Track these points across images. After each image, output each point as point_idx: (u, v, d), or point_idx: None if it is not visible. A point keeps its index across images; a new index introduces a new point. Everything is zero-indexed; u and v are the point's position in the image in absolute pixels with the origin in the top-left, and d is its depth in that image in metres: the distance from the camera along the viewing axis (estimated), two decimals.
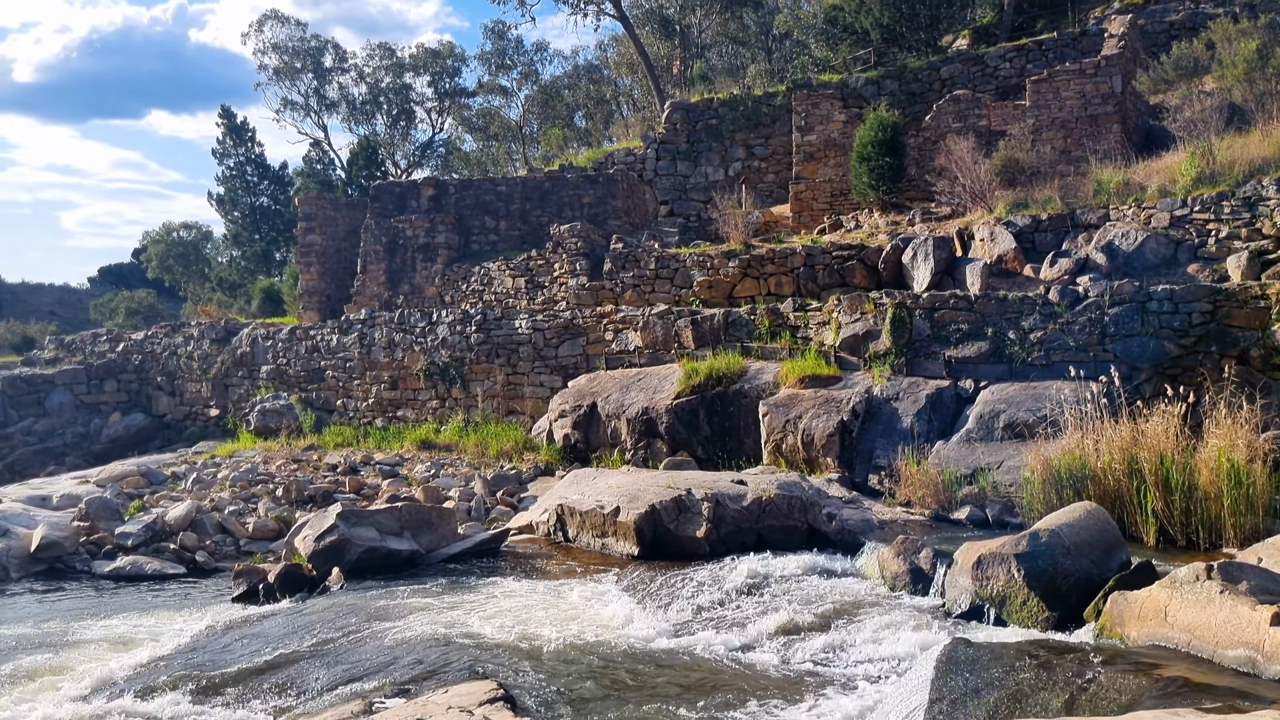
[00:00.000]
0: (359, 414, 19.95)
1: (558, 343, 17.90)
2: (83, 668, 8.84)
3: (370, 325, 20.18)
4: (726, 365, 14.99)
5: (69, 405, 22.30)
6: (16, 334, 33.67)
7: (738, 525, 11.18)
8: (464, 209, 25.39)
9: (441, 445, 17.83)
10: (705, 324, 16.35)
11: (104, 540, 13.76)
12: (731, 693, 7.13)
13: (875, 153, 20.18)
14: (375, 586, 10.66)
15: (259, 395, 21.02)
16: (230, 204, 44.55)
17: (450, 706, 6.22)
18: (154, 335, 23.55)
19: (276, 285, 33.90)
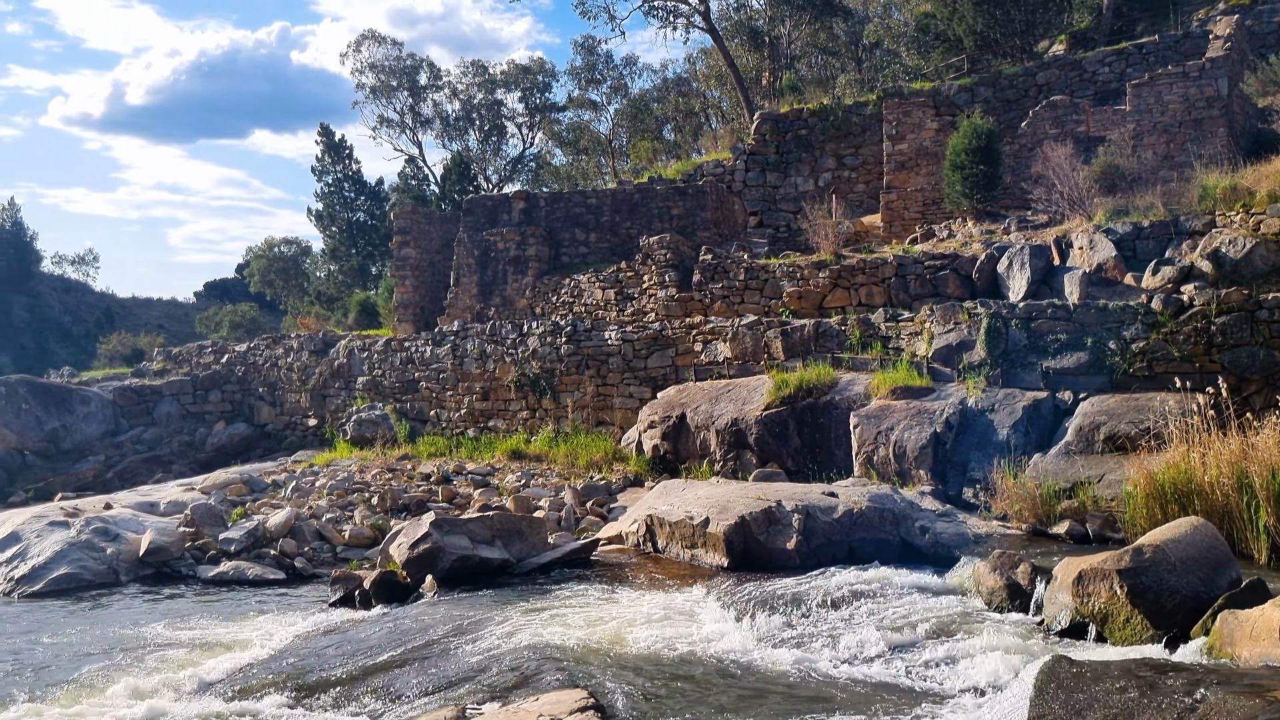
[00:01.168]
0: (451, 424, 20.25)
1: (647, 354, 17.95)
2: (187, 668, 9.13)
3: (463, 337, 20.48)
4: (817, 376, 14.85)
5: (176, 415, 23.07)
6: (127, 346, 34.95)
7: (828, 538, 11.05)
8: (554, 222, 25.64)
9: (532, 455, 17.99)
10: (795, 335, 16.23)
11: (208, 546, 14.19)
12: (824, 707, 7.04)
13: (969, 160, 19.85)
14: (467, 594, 10.78)
15: (355, 405, 21.47)
16: (328, 219, 45.68)
17: (541, 714, 6.26)
18: (256, 347, 24.24)
19: (372, 298, 34.64)
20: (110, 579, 13.24)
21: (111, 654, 9.80)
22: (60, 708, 8.20)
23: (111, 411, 22.64)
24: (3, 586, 12.88)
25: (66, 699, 8.46)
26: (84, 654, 9.89)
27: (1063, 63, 23.98)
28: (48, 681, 8.98)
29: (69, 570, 13.03)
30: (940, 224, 20.43)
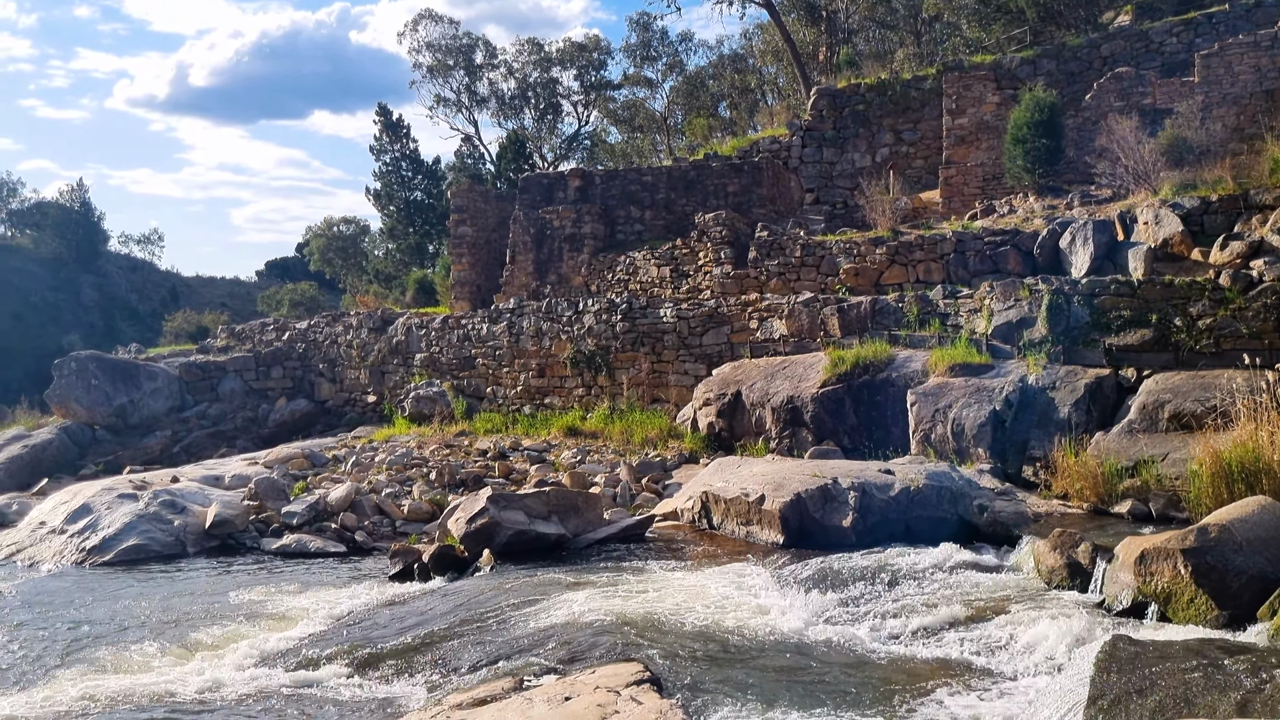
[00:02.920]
0: (508, 401, 20.40)
1: (702, 331, 17.92)
2: (251, 637, 9.34)
3: (519, 314, 20.60)
4: (873, 353, 14.73)
5: (239, 391, 23.49)
6: (192, 323, 35.65)
7: (885, 515, 10.98)
8: (610, 199, 25.63)
9: (587, 432, 18.08)
10: (852, 312, 16.11)
11: (271, 519, 14.47)
12: (880, 683, 7.03)
13: (1031, 134, 19.49)
14: (524, 569, 10.90)
15: (413, 382, 21.72)
16: (386, 199, 46.09)
17: (598, 686, 6.32)
18: (316, 324, 24.57)
19: (429, 276, 34.93)
20: (177, 550, 13.57)
21: (178, 623, 10.05)
22: (129, 673, 8.44)
23: (177, 387, 23.12)
24: (75, 556, 13.25)
25: (136, 665, 8.70)
26: (152, 622, 10.16)
27: (1128, 33, 23.41)
28: (117, 648, 9.24)
29: (138, 541, 13.38)
30: (1000, 199, 20.10)
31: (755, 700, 6.73)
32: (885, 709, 6.54)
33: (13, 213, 61.64)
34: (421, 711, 6.66)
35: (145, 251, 67.06)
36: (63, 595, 11.48)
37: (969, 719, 6.36)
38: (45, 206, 60.04)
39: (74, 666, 8.72)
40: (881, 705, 6.60)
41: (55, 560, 13.27)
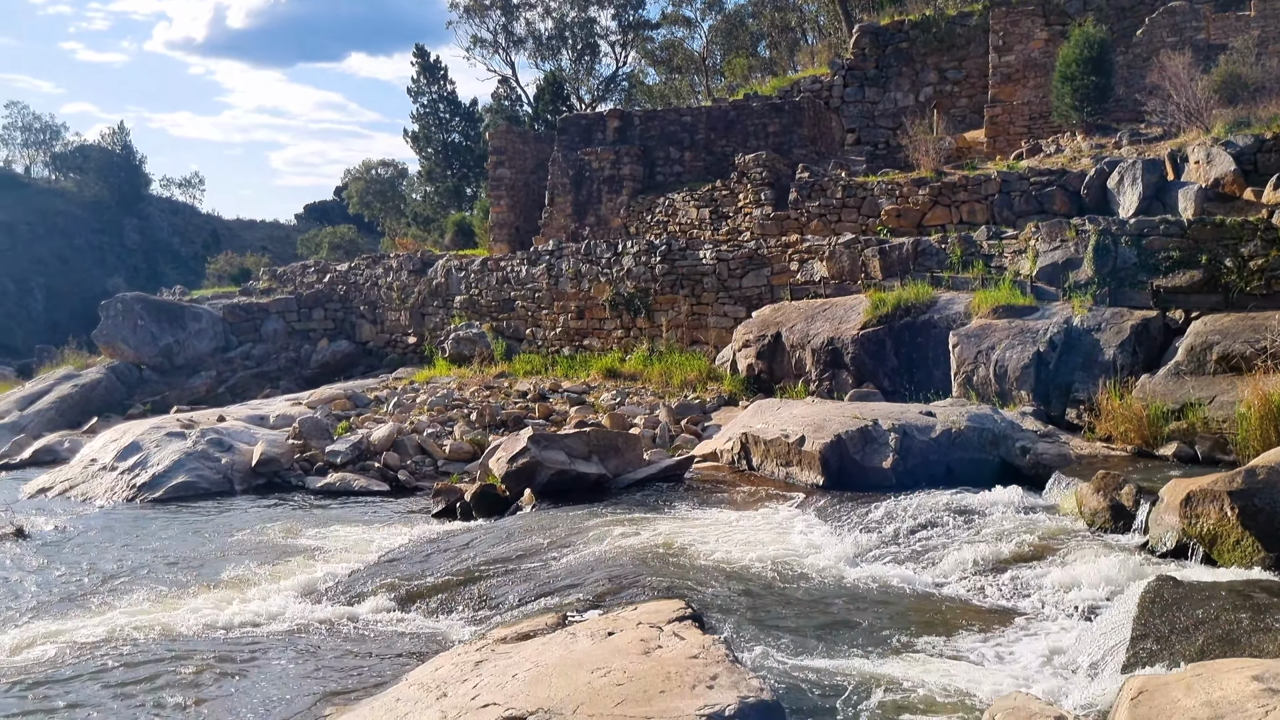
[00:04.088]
0: (547, 343, 20.47)
1: (741, 273, 17.83)
2: (298, 573, 9.52)
3: (558, 256, 20.59)
4: (915, 295, 14.61)
5: (282, 332, 23.74)
6: (234, 266, 35.95)
7: (925, 457, 10.96)
8: (649, 140, 25.42)
9: (626, 374, 18.12)
10: (893, 253, 15.95)
11: (315, 458, 14.68)
12: (921, 622, 7.06)
13: (1080, 72, 19.05)
14: (565, 508, 10.99)
15: (453, 324, 21.83)
16: (424, 141, 45.98)
17: (640, 622, 6.38)
18: (357, 267, 24.72)
19: (468, 219, 34.94)
20: (225, 487, 13.82)
21: (227, 558, 10.26)
22: (181, 605, 8.64)
23: (221, 328, 23.40)
24: (126, 493, 13.54)
25: (187, 597, 8.91)
26: (201, 557, 10.38)
27: None
28: (169, 581, 9.46)
29: (187, 479, 13.63)
30: (1047, 139, 19.74)
31: (794, 637, 6.79)
32: (925, 648, 6.57)
33: (56, 156, 62.19)
34: (466, 645, 6.76)
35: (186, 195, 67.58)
36: (116, 530, 11.76)
37: (1010, 658, 6.38)
38: (87, 150, 60.51)
39: (127, 597, 8.95)
40: (921, 644, 6.63)
41: (107, 496, 13.57)
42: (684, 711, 4.66)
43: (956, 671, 6.14)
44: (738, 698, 4.82)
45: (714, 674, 5.17)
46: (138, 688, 6.77)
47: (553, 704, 4.91)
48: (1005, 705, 4.39)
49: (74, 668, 7.17)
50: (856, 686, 5.87)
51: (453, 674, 5.97)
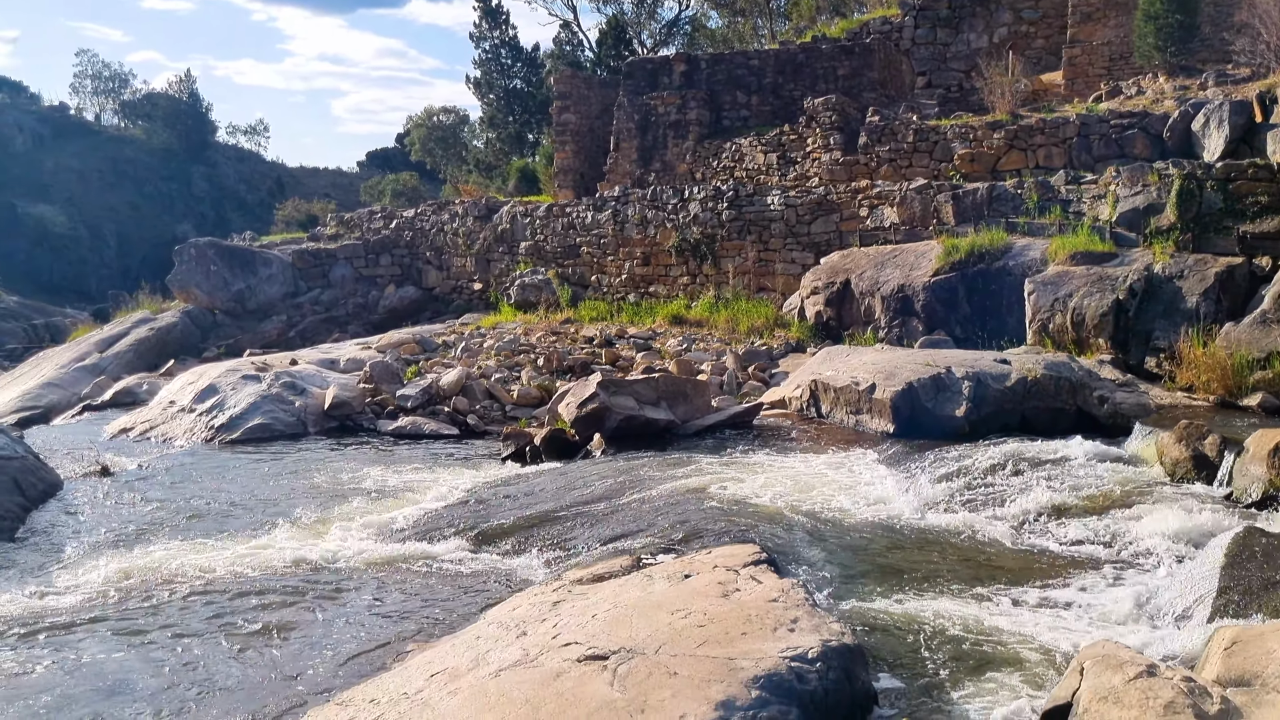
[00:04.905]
0: (612, 289, 20.46)
1: (810, 219, 17.62)
2: (375, 512, 9.68)
3: (623, 202, 20.50)
4: (989, 241, 14.34)
5: (349, 277, 24.00)
6: (301, 212, 36.39)
7: (999, 406, 10.79)
8: (715, 84, 25.11)
9: (692, 321, 18.07)
10: (967, 199, 15.64)
11: (386, 401, 14.87)
12: (997, 570, 6.99)
13: (1164, 10, 18.40)
14: (634, 453, 11.03)
15: (518, 270, 21.90)
16: (486, 87, 45.87)
17: (716, 565, 6.40)
18: (422, 213, 24.84)
19: (531, 165, 34.92)
20: (299, 430, 14.08)
21: (305, 497, 10.47)
22: (263, 542, 8.85)
23: (291, 274, 23.72)
24: (204, 434, 13.85)
25: (269, 534, 9.11)
26: (280, 496, 10.61)
27: None
28: (250, 519, 9.68)
29: (263, 421, 13.90)
30: (1128, 80, 19.12)
31: (867, 583, 6.77)
32: (1003, 596, 6.51)
33: (124, 104, 63.10)
34: (543, 585, 6.84)
35: (251, 142, 68.29)
36: (195, 470, 12.05)
37: (1091, 607, 6.30)
38: (155, 98, 61.31)
39: (209, 534, 9.18)
40: (998, 592, 6.57)
41: (186, 437, 13.89)
42: (767, 653, 4.67)
43: (1036, 619, 6.07)
44: (820, 640, 4.82)
45: (794, 617, 5.17)
46: (222, 620, 6.95)
47: (634, 644, 4.95)
48: (1093, 654, 4.33)
49: (163, 599, 7.38)
50: (934, 633, 5.84)
51: (531, 613, 6.04)
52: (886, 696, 5.04)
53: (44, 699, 5.82)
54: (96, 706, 5.72)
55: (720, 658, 4.68)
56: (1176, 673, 4.05)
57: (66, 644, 6.61)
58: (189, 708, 5.67)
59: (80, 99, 63.51)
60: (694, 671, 4.54)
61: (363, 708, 5.03)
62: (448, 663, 5.41)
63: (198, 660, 6.32)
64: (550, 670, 4.77)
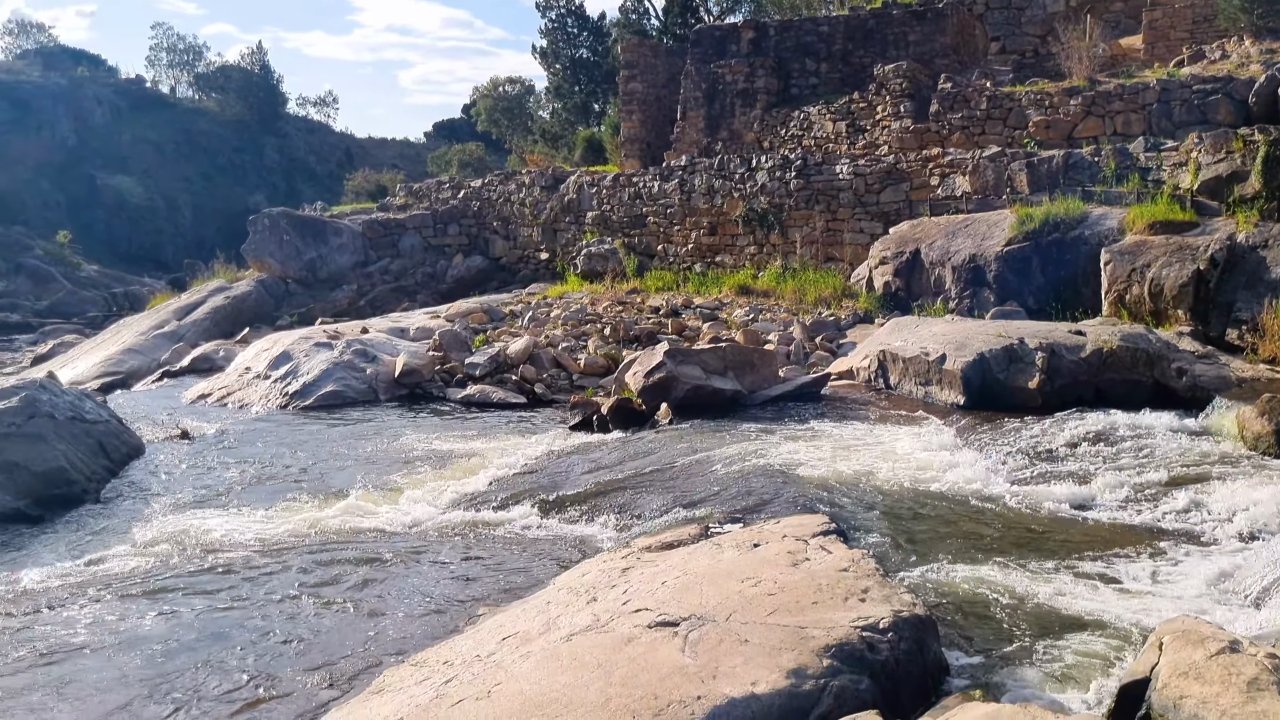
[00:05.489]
0: (678, 259, 20.42)
1: (879, 188, 17.40)
2: (446, 478, 9.83)
3: (690, 172, 20.41)
4: (1065, 210, 14.04)
5: (418, 247, 24.25)
6: (371, 182, 36.76)
7: (1074, 378, 10.61)
8: (783, 52, 24.82)
9: (759, 291, 17.98)
10: (1041, 167, 15.32)
11: (454, 369, 15.04)
12: (1070, 543, 6.90)
13: None
14: (701, 422, 11.03)
15: (585, 240, 21.95)
16: (552, 57, 45.83)
17: (785, 535, 6.40)
18: (489, 183, 24.97)
19: (597, 134, 34.87)
20: (370, 397, 14.30)
21: (377, 463, 10.66)
22: (336, 507, 9.03)
23: (361, 243, 24.03)
24: (279, 400, 14.13)
25: (343, 500, 9.30)
26: (354, 462, 10.80)
27: None
28: (324, 483, 9.88)
29: (335, 388, 14.14)
30: (1211, 44, 18.53)
31: (937, 555, 6.71)
32: (1077, 569, 6.42)
33: (198, 76, 64.19)
34: (612, 552, 6.90)
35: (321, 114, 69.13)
36: (271, 435, 12.31)
37: (1169, 581, 6.19)
38: (228, 70, 62.27)
39: (285, 498, 9.39)
40: (1072, 565, 6.49)
41: (262, 403, 14.19)
42: (838, 622, 4.67)
43: (1111, 594, 5.99)
44: (891, 611, 4.81)
45: (865, 587, 5.16)
46: (301, 581, 7.12)
47: (705, 611, 4.98)
48: (1173, 629, 4.26)
49: (244, 560, 7.58)
50: (1007, 606, 5.79)
51: (601, 579, 6.10)
52: (958, 668, 5.02)
53: (155, 648, 6.09)
54: (200, 655, 5.93)
55: (791, 626, 4.69)
56: (1260, 649, 3.97)
57: (162, 600, 6.84)
58: (278, 663, 5.84)
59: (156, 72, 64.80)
60: (765, 639, 4.56)
61: (436, 668, 5.13)
62: (519, 626, 5.49)
63: (281, 619, 6.49)
64: (621, 635, 4.82)
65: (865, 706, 4.11)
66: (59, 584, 7.28)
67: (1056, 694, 4.69)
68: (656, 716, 3.92)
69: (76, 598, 6.96)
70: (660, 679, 4.23)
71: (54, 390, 10.77)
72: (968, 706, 3.92)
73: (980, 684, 4.81)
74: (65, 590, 7.14)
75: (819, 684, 4.19)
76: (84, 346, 21.87)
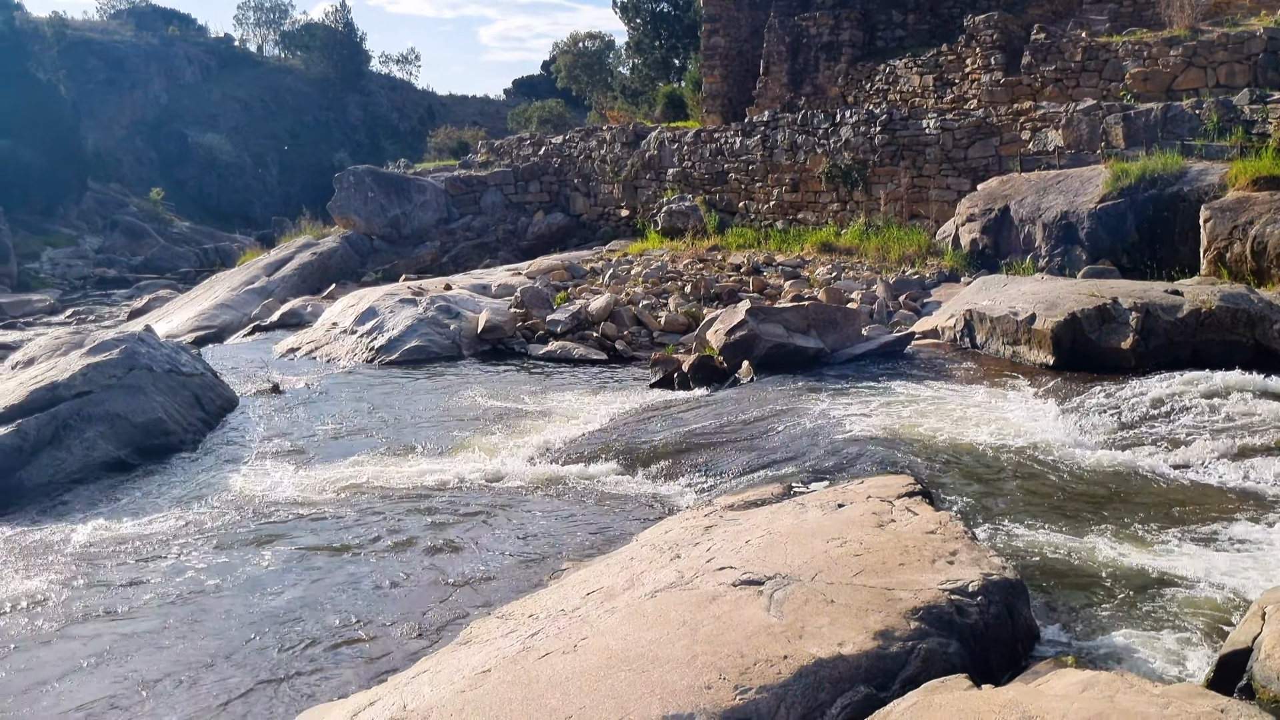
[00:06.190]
0: (760, 216, 20.23)
1: (967, 143, 16.98)
2: (529, 434, 9.93)
3: (773, 127, 20.15)
4: (1163, 165, 13.56)
5: (500, 204, 24.39)
6: (453, 139, 37.03)
7: (1169, 338, 10.29)
8: (869, 3, 24.27)
9: (841, 248, 17.76)
10: (1139, 120, 14.80)
11: (536, 326, 15.15)
12: (1165, 507, 6.73)
13: None
14: (782, 381, 10.97)
15: (665, 197, 21.84)
16: (633, 11, 45.44)
17: (870, 496, 6.34)
18: (570, 140, 24.95)
19: (678, 90, 34.58)
20: (453, 352, 14.48)
21: (461, 417, 10.80)
22: (423, 460, 9.19)
23: (444, 200, 24.24)
24: (365, 355, 14.39)
25: (428, 452, 9.46)
26: (438, 416, 10.97)
27: None
28: (411, 437, 10.05)
29: (420, 343, 14.35)
30: None
31: (1025, 518, 6.61)
32: (1172, 533, 6.27)
33: (284, 34, 65.08)
34: (694, 510, 6.91)
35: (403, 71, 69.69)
36: (358, 389, 12.55)
37: (1266, 548, 6.00)
38: (313, 28, 63.00)
39: (375, 451, 9.58)
40: (1167, 530, 6.33)
41: (349, 358, 14.46)
42: (925, 585, 4.63)
43: (1207, 561, 5.83)
44: (980, 574, 4.74)
45: (953, 550, 5.09)
46: (388, 532, 7.29)
47: (789, 570, 4.96)
48: (1277, 599, 4.14)
49: (334, 511, 7.77)
50: (1098, 571, 5.68)
51: (684, 537, 6.11)
52: (1048, 634, 4.95)
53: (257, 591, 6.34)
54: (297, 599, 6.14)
55: (878, 587, 4.65)
56: None
57: (259, 547, 7.08)
58: (370, 611, 6.00)
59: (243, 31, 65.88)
60: (851, 600, 4.53)
61: (522, 621, 5.20)
62: (603, 582, 5.54)
63: (370, 568, 6.65)
64: (705, 593, 4.83)
65: (953, 670, 4.07)
66: (162, 531, 7.55)
67: (1151, 662, 4.60)
68: (743, 675, 3.93)
69: (179, 544, 7.22)
70: (746, 637, 4.23)
71: (152, 344, 11.10)
72: (1062, 673, 3.86)
73: (1071, 651, 4.73)
74: (168, 537, 7.40)
75: (906, 646, 4.16)
76: (178, 301, 22.49)
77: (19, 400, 9.20)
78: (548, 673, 4.20)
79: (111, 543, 7.32)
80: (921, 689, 3.82)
